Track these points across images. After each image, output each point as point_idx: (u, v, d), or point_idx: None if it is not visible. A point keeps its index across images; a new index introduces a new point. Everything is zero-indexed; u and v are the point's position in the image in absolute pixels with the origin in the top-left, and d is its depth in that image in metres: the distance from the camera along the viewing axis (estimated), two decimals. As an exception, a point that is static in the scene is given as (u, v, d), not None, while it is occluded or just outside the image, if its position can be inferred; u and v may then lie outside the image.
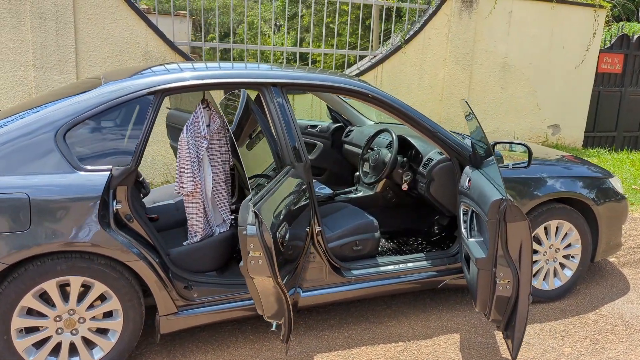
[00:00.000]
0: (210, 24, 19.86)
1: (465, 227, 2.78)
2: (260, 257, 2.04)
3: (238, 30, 19.79)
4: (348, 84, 3.07)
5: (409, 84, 7.06)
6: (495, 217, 2.31)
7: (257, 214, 2.06)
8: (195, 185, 2.85)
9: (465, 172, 3.01)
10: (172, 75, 2.77)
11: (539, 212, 3.38)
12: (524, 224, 2.27)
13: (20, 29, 5.28)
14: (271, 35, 18.02)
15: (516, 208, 2.25)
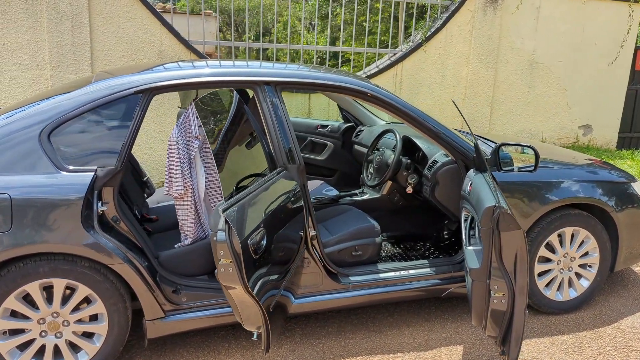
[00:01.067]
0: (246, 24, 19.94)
1: (465, 233, 2.62)
2: (231, 264, 1.95)
3: (273, 30, 19.81)
4: (346, 82, 2.94)
5: (430, 82, 6.86)
6: (488, 226, 2.15)
7: (227, 219, 1.96)
8: (185, 187, 2.77)
9: (468, 176, 2.84)
10: (161, 74, 2.70)
11: (552, 218, 3.18)
12: (518, 234, 2.10)
13: (36, 29, 5.34)
14: (305, 35, 17.95)
15: (510, 216, 2.08)
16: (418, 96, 6.84)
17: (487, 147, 3.42)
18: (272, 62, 3.21)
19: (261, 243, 2.14)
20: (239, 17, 20.52)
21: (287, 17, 17.79)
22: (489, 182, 2.48)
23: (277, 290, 2.38)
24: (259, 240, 2.13)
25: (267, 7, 17.96)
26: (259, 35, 20.72)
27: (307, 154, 4.75)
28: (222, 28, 22.40)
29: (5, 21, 5.24)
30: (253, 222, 2.14)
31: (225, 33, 22.47)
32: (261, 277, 2.15)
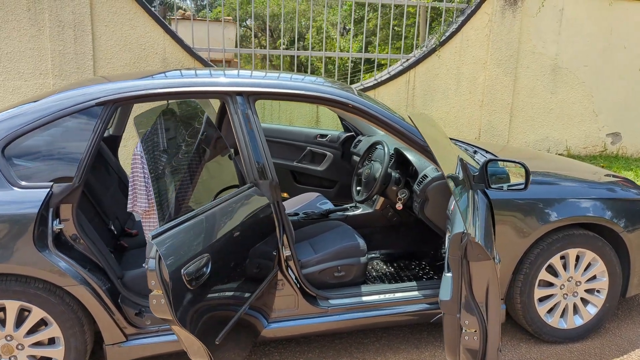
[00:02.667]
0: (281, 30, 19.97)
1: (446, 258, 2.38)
2: (162, 296, 1.78)
3: (307, 35, 19.72)
4: (323, 92, 2.74)
5: (444, 88, 6.59)
6: (457, 254, 1.92)
7: (157, 247, 1.79)
8: (149, 203, 2.62)
9: (453, 194, 2.60)
10: (125, 84, 2.56)
11: (554, 238, 2.91)
12: (489, 265, 1.86)
13: (39, 38, 5.32)
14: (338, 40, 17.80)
15: (477, 245, 1.85)
16: (432, 103, 6.58)
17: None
18: (251, 70, 3.04)
19: (202, 271, 1.96)
20: (273, 23, 20.51)
21: (321, 22, 17.69)
22: (469, 202, 2.25)
23: (233, 318, 2.19)
24: (200, 268, 1.94)
25: (301, 12, 17.83)
26: (293, 40, 20.69)
27: (306, 164, 4.57)
28: (258, 34, 22.47)
29: (8, 30, 5.24)
30: (193, 248, 1.96)
31: (261, 39, 22.53)
32: (202, 309, 1.96)
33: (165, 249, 1.84)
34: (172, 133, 2.70)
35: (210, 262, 2.02)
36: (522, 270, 2.92)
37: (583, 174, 3.27)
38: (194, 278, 1.91)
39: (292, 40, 21.07)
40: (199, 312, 1.94)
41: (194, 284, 1.91)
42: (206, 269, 1.99)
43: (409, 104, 6.50)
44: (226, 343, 2.19)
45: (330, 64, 16.39)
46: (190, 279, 1.88)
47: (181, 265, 1.86)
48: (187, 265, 1.89)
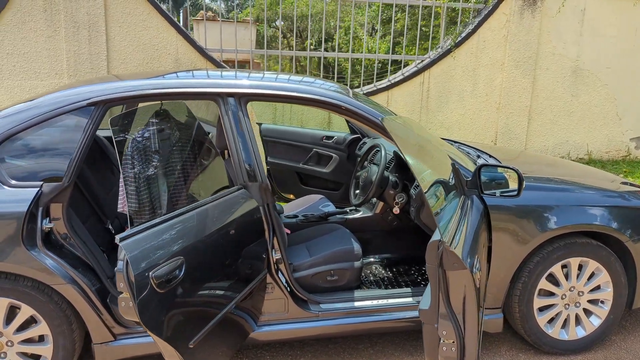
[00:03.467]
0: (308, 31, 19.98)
1: None
2: (130, 298, 1.77)
3: (335, 35, 19.69)
4: (317, 94, 2.70)
5: (460, 90, 6.48)
6: (433, 262, 1.86)
7: (125, 249, 1.79)
8: (140, 204, 2.62)
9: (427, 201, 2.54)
10: (116, 85, 2.57)
11: (555, 247, 2.81)
12: (465, 274, 1.79)
13: (55, 38, 5.42)
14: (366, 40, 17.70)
15: (453, 254, 1.79)
16: (447, 105, 6.47)
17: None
18: (248, 72, 3.02)
19: (174, 274, 1.95)
20: (302, 23, 20.56)
21: (349, 22, 17.64)
22: (456, 209, 2.18)
23: (212, 321, 2.17)
24: (171, 271, 1.93)
25: (330, 13, 17.81)
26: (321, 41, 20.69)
27: (312, 166, 4.54)
28: (287, 35, 22.57)
29: (25, 31, 5.35)
30: (165, 250, 1.95)
31: (289, 39, 22.62)
32: (174, 312, 1.95)
33: (133, 251, 1.84)
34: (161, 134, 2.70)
35: (185, 265, 2.01)
36: (521, 279, 2.84)
37: (597, 181, 3.15)
38: (165, 281, 1.90)
39: (320, 41, 21.04)
40: (171, 314, 1.93)
41: (165, 286, 1.90)
42: (179, 272, 1.98)
43: (423, 106, 6.41)
44: (205, 345, 2.17)
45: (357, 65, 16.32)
46: (159, 282, 1.87)
47: (149, 268, 1.85)
48: (156, 268, 1.87)
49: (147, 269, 1.84)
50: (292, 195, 4.70)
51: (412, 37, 12.32)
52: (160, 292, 1.87)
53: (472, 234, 2.10)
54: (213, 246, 2.21)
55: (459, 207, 2.25)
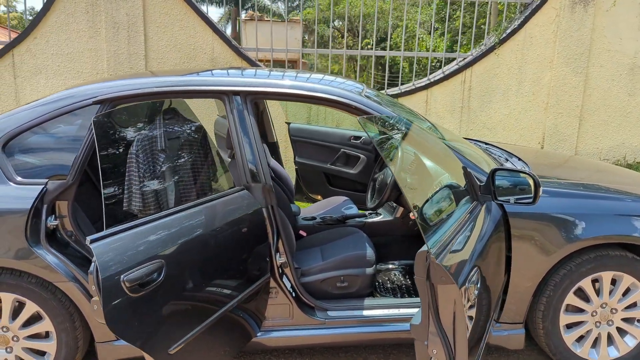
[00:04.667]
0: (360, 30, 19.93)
1: None
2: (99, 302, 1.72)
3: (394, 34, 19.47)
4: (324, 92, 2.59)
5: (504, 89, 6.18)
6: (422, 275, 1.71)
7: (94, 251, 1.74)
8: (144, 203, 2.60)
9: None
10: (123, 83, 2.56)
11: (584, 259, 2.58)
12: (453, 289, 1.63)
13: (96, 39, 5.56)
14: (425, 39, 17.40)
15: (439, 267, 1.63)
16: (490, 105, 6.19)
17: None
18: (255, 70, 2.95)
19: (152, 277, 1.89)
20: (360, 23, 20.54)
21: (407, 21, 17.38)
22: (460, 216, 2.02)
23: (198, 327, 2.10)
24: (148, 274, 1.87)
25: (386, 11, 17.59)
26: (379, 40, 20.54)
27: (340, 166, 4.42)
28: (344, 34, 22.59)
29: (69, 32, 5.52)
30: (142, 253, 1.89)
31: (347, 39, 22.61)
32: (151, 317, 1.89)
33: (103, 254, 1.79)
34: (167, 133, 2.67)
35: (166, 268, 1.95)
36: (545, 293, 2.62)
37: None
38: (139, 285, 1.85)
39: (379, 40, 20.88)
40: (147, 319, 1.87)
41: (139, 290, 1.84)
42: (158, 275, 1.92)
43: (464, 105, 6.15)
44: (194, 349, 2.11)
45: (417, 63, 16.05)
46: (132, 286, 1.81)
47: (122, 271, 1.80)
48: (129, 271, 1.82)
49: (119, 272, 1.79)
50: (320, 196, 4.61)
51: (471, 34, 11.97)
52: (134, 296, 1.82)
53: (472, 244, 1.93)
54: (203, 249, 2.14)
55: (465, 214, 2.08)
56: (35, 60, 5.59)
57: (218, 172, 2.67)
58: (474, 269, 1.83)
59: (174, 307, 1.97)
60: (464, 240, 1.89)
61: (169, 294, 1.95)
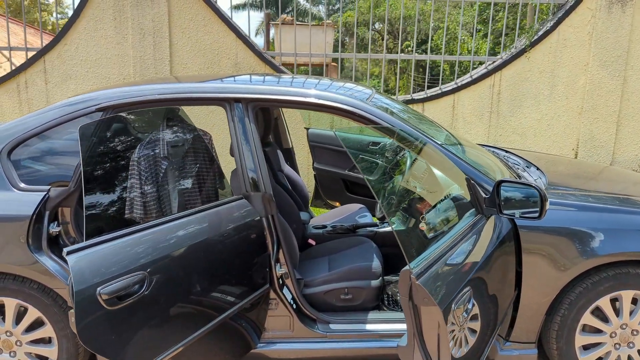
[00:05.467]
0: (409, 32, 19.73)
1: None
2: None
3: (435, 37, 19.25)
4: (327, 99, 2.52)
5: (536, 93, 5.95)
6: (405, 295, 1.61)
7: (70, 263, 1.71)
8: (146, 210, 2.59)
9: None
10: (123, 90, 2.56)
11: (602, 277, 2.43)
12: (435, 311, 1.53)
13: (123, 45, 5.66)
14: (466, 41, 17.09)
15: (420, 288, 1.53)
16: (520, 110, 5.97)
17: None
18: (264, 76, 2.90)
19: (132, 290, 1.85)
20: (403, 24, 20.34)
21: (448, 23, 17.14)
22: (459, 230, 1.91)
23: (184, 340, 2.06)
24: (127, 287, 1.83)
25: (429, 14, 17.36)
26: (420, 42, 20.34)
27: (358, 173, 4.34)
28: (386, 37, 22.50)
29: (97, 38, 5.63)
30: (123, 265, 1.86)
31: (387, 41, 22.51)
32: (131, 329, 1.85)
33: (79, 265, 1.77)
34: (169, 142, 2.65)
35: (148, 280, 1.92)
36: (560, 311, 2.48)
37: None
38: (117, 297, 1.82)
39: (419, 42, 20.67)
40: (125, 333, 1.84)
41: (117, 304, 1.81)
42: (139, 288, 1.89)
43: (493, 110, 5.96)
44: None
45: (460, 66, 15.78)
46: (109, 299, 1.79)
47: (99, 284, 1.78)
48: (107, 284, 1.79)
49: (96, 284, 1.77)
50: (338, 203, 4.54)
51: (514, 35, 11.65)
52: (111, 309, 1.79)
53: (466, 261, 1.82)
54: (192, 260, 2.11)
55: (465, 228, 1.97)
56: (65, 66, 5.73)
57: (217, 181, 2.64)
58: (465, 288, 1.72)
59: (158, 321, 1.94)
60: (457, 257, 1.79)
61: (153, 307, 1.92)
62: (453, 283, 1.69)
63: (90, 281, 1.77)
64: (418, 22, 18.35)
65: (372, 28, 23.01)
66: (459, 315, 1.66)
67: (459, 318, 1.67)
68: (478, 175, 2.40)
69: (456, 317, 1.65)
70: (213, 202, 2.36)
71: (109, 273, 1.82)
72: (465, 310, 1.72)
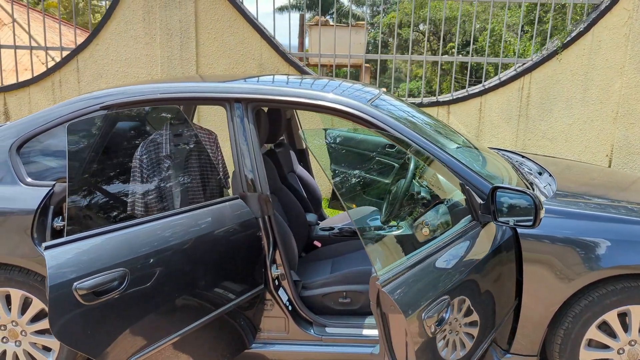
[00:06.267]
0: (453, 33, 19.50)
1: None
2: None
3: (480, 38, 18.94)
4: (327, 100, 2.49)
5: (568, 97, 5.75)
6: (374, 301, 1.56)
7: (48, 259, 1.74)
8: (147, 208, 2.63)
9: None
10: (127, 89, 2.60)
11: (609, 290, 2.31)
12: (399, 319, 1.47)
13: (151, 45, 5.78)
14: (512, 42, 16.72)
15: (386, 295, 1.48)
16: (551, 114, 5.78)
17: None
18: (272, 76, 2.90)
19: (109, 286, 1.86)
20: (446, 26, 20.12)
21: (494, 24, 16.83)
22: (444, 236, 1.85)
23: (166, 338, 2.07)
24: (103, 283, 1.84)
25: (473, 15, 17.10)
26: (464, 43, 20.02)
27: (373, 175, 4.29)
28: (430, 38, 22.33)
29: (127, 38, 5.78)
30: (101, 261, 1.87)
31: (432, 43, 22.31)
32: (108, 326, 1.87)
33: (56, 260, 1.80)
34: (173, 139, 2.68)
35: (130, 277, 1.94)
36: (563, 324, 2.37)
37: None
38: (94, 293, 1.84)
39: (464, 44, 20.36)
40: (102, 328, 1.86)
41: (94, 299, 1.84)
42: (119, 284, 1.91)
43: (522, 113, 5.79)
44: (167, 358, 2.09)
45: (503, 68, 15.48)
46: (85, 294, 1.81)
47: (76, 279, 1.80)
48: (84, 279, 1.82)
49: (72, 279, 1.80)
50: (355, 205, 4.50)
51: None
52: (88, 304, 1.82)
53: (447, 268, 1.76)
54: (179, 259, 2.12)
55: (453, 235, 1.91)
56: (96, 66, 5.90)
57: (222, 180, 2.65)
58: (441, 297, 1.67)
59: (139, 318, 1.95)
60: (437, 264, 1.73)
61: (134, 304, 1.94)
62: (426, 291, 1.64)
63: (67, 276, 1.80)
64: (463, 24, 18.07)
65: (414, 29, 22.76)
66: (430, 325, 1.61)
67: (431, 327, 1.62)
68: (478, 180, 2.33)
69: (427, 327, 1.59)
70: (204, 202, 2.37)
71: (87, 269, 1.85)
72: (440, 319, 1.67)
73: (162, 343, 2.06)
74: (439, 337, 1.65)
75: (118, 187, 2.38)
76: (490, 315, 2.14)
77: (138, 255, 2.00)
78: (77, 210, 2.13)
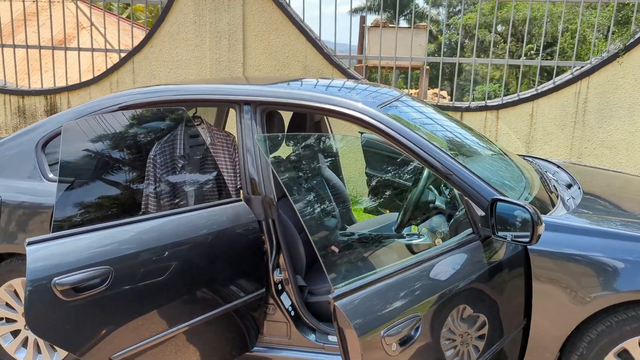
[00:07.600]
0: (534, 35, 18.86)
1: None
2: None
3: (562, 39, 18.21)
4: (337, 104, 2.43)
5: (630, 103, 5.35)
6: (333, 315, 1.48)
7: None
8: (160, 209, 2.69)
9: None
10: (141, 91, 2.68)
11: (630, 315, 2.12)
12: (352, 335, 1.39)
13: (201, 47, 5.94)
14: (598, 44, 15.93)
15: (339, 310, 1.40)
16: (610, 121, 5.40)
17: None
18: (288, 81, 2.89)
19: (90, 283, 1.89)
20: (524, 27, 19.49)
21: (576, 25, 16.10)
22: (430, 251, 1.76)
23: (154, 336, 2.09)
24: (84, 280, 1.87)
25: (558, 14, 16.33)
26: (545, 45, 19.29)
27: (407, 181, 4.18)
28: (501, 40, 21.75)
29: (178, 40, 5.97)
30: (84, 258, 1.91)
31: (510, 44, 21.70)
32: (91, 323, 1.90)
33: (36, 256, 1.85)
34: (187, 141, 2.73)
35: (114, 275, 1.97)
36: (577, 350, 2.20)
37: None
38: (74, 289, 1.88)
39: (545, 45, 19.60)
40: (84, 324, 1.90)
41: (74, 295, 1.88)
42: (102, 282, 1.95)
43: (578, 120, 5.45)
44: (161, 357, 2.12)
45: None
46: (64, 290, 1.86)
47: (55, 275, 1.85)
48: (64, 275, 1.86)
49: (52, 275, 1.85)
50: (388, 210, 4.41)
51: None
52: (66, 300, 1.86)
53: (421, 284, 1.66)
54: (168, 259, 2.13)
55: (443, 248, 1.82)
56: (150, 67, 6.14)
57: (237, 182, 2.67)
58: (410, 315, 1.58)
59: (121, 316, 1.98)
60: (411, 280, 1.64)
61: (117, 302, 1.97)
62: (389, 308, 1.56)
63: (47, 272, 1.86)
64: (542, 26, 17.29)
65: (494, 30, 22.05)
66: (390, 343, 1.52)
67: (392, 346, 1.53)
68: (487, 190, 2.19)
69: (386, 345, 1.51)
70: (203, 204, 2.39)
71: (67, 265, 1.90)
72: (406, 337, 1.58)
73: (149, 341, 2.09)
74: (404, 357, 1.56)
75: (114, 185, 2.45)
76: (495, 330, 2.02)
77: (124, 255, 2.04)
78: (66, 207, 2.20)
